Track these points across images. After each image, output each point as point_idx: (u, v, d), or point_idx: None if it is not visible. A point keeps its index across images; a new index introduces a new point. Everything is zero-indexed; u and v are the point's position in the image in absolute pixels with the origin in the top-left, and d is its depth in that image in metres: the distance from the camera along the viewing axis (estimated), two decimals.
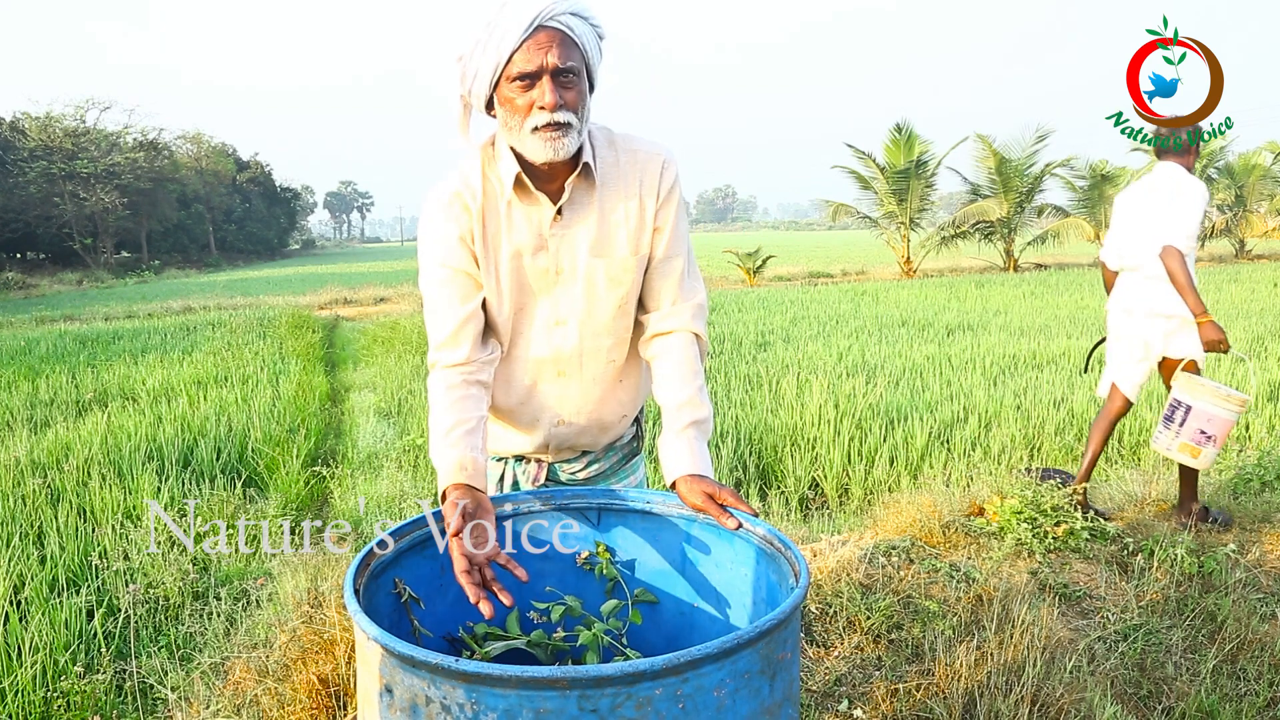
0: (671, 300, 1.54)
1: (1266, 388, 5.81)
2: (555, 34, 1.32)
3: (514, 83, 1.34)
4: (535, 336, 1.53)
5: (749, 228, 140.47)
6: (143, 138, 40.70)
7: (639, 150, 1.51)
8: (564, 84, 1.34)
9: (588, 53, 1.37)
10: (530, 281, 1.49)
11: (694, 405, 1.47)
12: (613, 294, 1.51)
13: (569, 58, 1.34)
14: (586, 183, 1.46)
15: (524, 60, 1.32)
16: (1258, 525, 3.43)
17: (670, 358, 1.51)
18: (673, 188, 1.52)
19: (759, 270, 21.72)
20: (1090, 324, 9.76)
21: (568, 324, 1.52)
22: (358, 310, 16.63)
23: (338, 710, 2.16)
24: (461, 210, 1.45)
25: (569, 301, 1.51)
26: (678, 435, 1.44)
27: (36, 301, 22.03)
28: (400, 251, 62.03)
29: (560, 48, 1.33)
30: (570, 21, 1.33)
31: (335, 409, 7.09)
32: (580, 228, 1.47)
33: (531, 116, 1.35)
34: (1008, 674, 2.19)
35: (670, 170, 1.51)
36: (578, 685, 0.91)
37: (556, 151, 1.36)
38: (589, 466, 1.67)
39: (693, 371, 1.50)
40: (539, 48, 1.32)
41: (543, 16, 1.31)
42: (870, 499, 4.24)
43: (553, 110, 1.33)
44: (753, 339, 9.16)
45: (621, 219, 1.49)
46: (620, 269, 1.50)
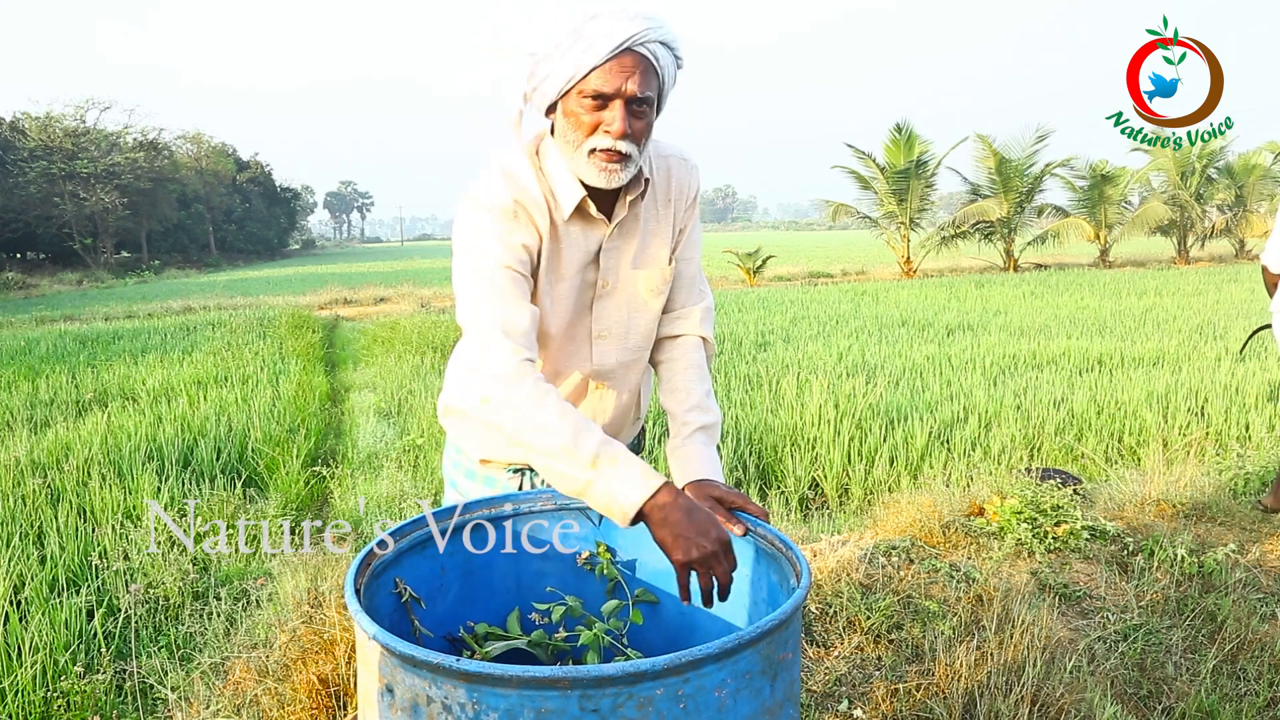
0: (682, 303, 1.54)
1: (1266, 387, 5.81)
2: (640, 60, 1.27)
3: (586, 99, 1.28)
4: (578, 352, 1.51)
5: (749, 228, 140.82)
6: (143, 138, 40.70)
7: (669, 157, 1.49)
8: (635, 113, 1.30)
9: (665, 84, 1.34)
10: (580, 296, 1.47)
11: (703, 410, 1.46)
12: (654, 304, 1.51)
13: (647, 87, 1.29)
14: (638, 199, 1.44)
15: (602, 79, 1.26)
16: (1258, 525, 3.43)
17: (679, 362, 1.51)
18: (698, 194, 1.52)
19: (759, 270, 21.71)
20: (1090, 324, 9.76)
21: (607, 338, 1.50)
22: (358, 310, 16.64)
23: (338, 710, 2.16)
24: (528, 222, 1.37)
25: (610, 315, 1.49)
26: (686, 440, 1.43)
27: (36, 301, 22.03)
28: (400, 251, 62.01)
29: (642, 75, 1.27)
30: (657, 50, 1.28)
31: (335, 409, 7.09)
32: (627, 240, 1.46)
33: (594, 137, 1.30)
34: (1008, 674, 2.19)
35: (697, 177, 1.52)
36: (579, 685, 0.91)
37: (610, 181, 1.32)
38: None
39: (699, 376, 1.50)
40: (622, 70, 1.26)
41: (634, 40, 1.25)
42: (870, 499, 4.24)
43: (618, 138, 1.29)
44: (753, 339, 9.16)
45: (656, 229, 1.48)
46: (660, 279, 1.50)
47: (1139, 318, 10.23)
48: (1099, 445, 4.86)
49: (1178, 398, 5.63)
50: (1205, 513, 3.49)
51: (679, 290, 1.54)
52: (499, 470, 1.58)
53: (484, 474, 1.59)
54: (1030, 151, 21.71)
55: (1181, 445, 4.57)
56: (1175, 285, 14.45)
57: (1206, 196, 23.58)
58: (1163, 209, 21.88)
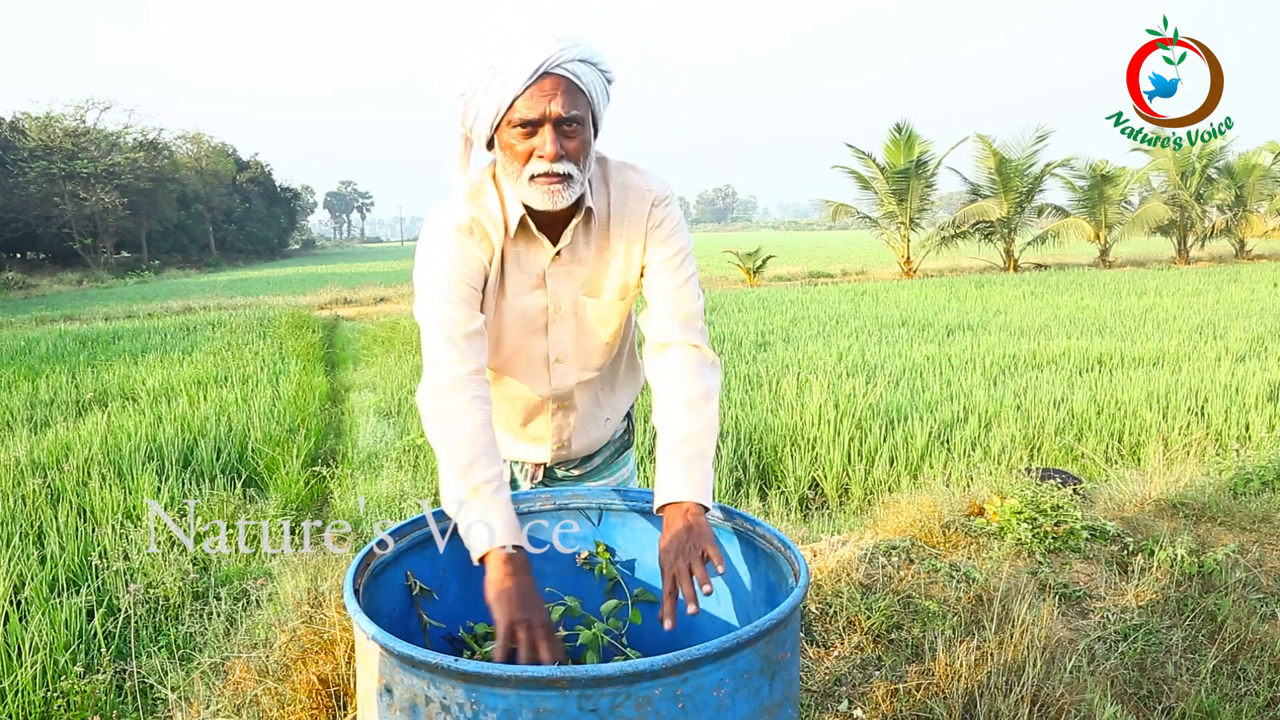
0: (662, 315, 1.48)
1: (1266, 387, 5.81)
2: (560, 81, 1.28)
3: (515, 129, 1.30)
4: (536, 373, 1.53)
5: (749, 228, 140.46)
6: (143, 138, 40.72)
7: (630, 189, 1.47)
8: (566, 133, 1.30)
9: (594, 100, 1.33)
10: (530, 319, 1.48)
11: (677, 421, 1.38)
12: (603, 330, 1.52)
13: (573, 106, 1.29)
14: (585, 225, 1.45)
15: (526, 107, 1.27)
16: (1258, 525, 3.43)
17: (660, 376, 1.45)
18: (662, 223, 1.47)
19: (759, 270, 21.72)
20: (1090, 324, 9.76)
21: (565, 361, 1.53)
22: (358, 310, 16.64)
23: (338, 710, 2.16)
24: (483, 239, 1.41)
25: (565, 339, 1.51)
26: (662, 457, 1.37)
27: (36, 301, 22.03)
28: (400, 251, 62.01)
29: (565, 96, 1.28)
30: (578, 69, 1.29)
31: (335, 409, 7.09)
32: (576, 266, 1.47)
33: (530, 164, 1.31)
34: (1008, 674, 2.19)
35: (658, 209, 1.47)
36: (577, 685, 0.91)
37: (555, 203, 1.33)
38: (583, 463, 1.72)
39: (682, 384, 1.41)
40: (543, 95, 1.27)
41: (549, 64, 1.26)
42: (870, 499, 4.24)
43: (553, 160, 1.29)
44: (753, 339, 9.17)
45: (611, 257, 1.48)
46: (608, 310, 1.50)
47: (1139, 318, 10.23)
48: (1099, 445, 4.87)
49: (1178, 398, 5.64)
50: (1205, 513, 3.49)
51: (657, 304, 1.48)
52: None
53: None
54: (1030, 151, 21.72)
55: (1181, 445, 4.57)
56: (1175, 285, 14.45)
57: (1206, 196, 23.57)
58: (1163, 209, 21.88)
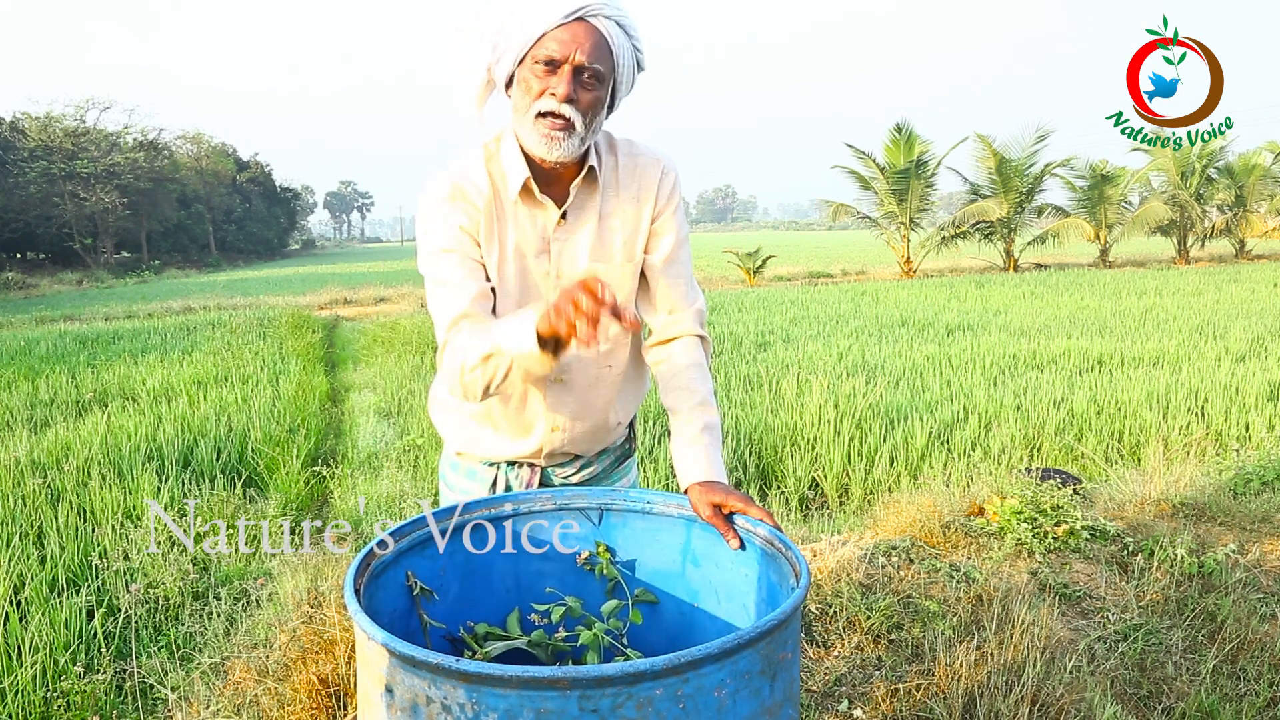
0: (673, 307, 1.54)
1: (1266, 388, 5.81)
2: (593, 31, 1.30)
3: (538, 64, 1.31)
4: None
5: (749, 228, 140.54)
6: (143, 138, 40.71)
7: (639, 156, 1.50)
8: (583, 83, 1.32)
9: (619, 66, 1.35)
10: (533, 283, 1.48)
11: (706, 407, 1.46)
12: None
13: (598, 59, 1.31)
14: (589, 187, 1.45)
15: (553, 44, 1.29)
16: (1258, 525, 3.43)
17: (681, 360, 1.51)
18: (671, 194, 1.51)
19: (759, 270, 21.72)
20: (1090, 324, 9.76)
21: None
22: (358, 310, 16.63)
23: (338, 710, 2.16)
24: (466, 203, 1.41)
25: None
26: (693, 440, 1.43)
27: (36, 301, 22.03)
28: (400, 251, 62.01)
29: (593, 47, 1.30)
30: (611, 27, 1.31)
31: (335, 409, 7.09)
32: (581, 233, 1.47)
33: (540, 100, 1.32)
34: (1008, 674, 2.19)
35: (669, 177, 1.51)
36: (578, 685, 0.91)
37: (551, 150, 1.34)
38: (581, 470, 1.66)
39: (701, 374, 1.50)
40: (573, 37, 1.29)
41: (586, 10, 1.29)
42: (870, 499, 4.24)
43: (562, 101, 1.30)
44: (753, 339, 9.16)
45: (619, 225, 1.48)
46: (617, 275, 1.50)
47: (1139, 318, 10.23)
48: (1099, 445, 4.87)
49: (1178, 398, 5.64)
50: (1205, 513, 3.49)
51: (672, 293, 1.53)
52: (476, 463, 1.62)
53: (465, 466, 1.64)
54: (1030, 151, 21.72)
55: (1181, 445, 4.57)
56: (1175, 285, 14.45)
57: (1206, 196, 23.58)
58: (1163, 209, 21.88)
